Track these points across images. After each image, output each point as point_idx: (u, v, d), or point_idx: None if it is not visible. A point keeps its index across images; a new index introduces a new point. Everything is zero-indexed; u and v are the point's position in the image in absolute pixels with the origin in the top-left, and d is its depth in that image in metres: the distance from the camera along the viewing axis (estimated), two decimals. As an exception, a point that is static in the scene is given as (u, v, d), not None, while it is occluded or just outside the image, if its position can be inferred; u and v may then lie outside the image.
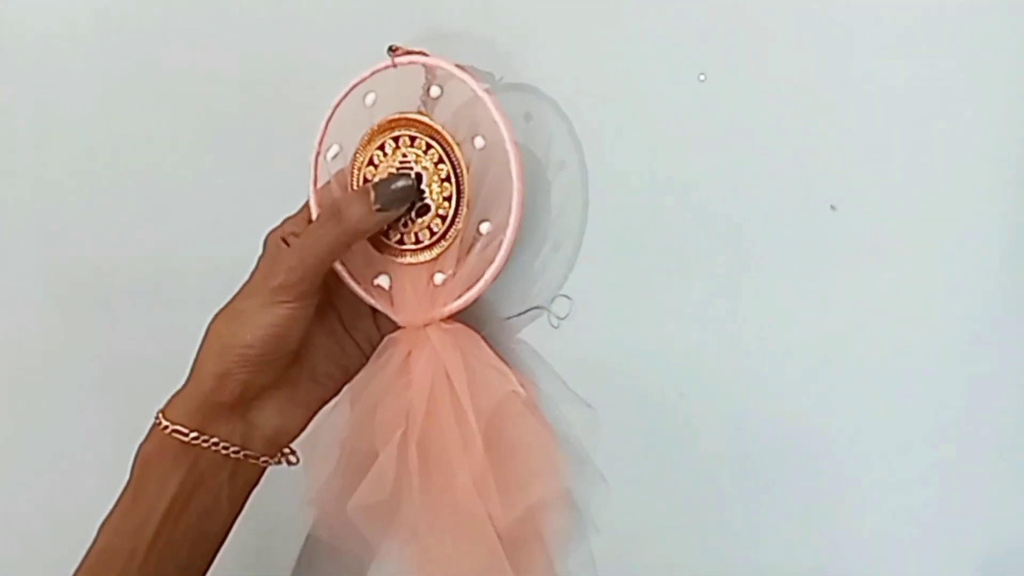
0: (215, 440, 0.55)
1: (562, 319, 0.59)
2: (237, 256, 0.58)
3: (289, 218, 0.60)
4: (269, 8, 0.66)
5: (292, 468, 0.59)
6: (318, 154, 0.59)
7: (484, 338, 0.58)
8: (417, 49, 0.57)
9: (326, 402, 0.60)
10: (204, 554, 0.56)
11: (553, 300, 0.59)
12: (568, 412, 0.58)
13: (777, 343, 0.54)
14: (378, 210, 0.56)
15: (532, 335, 0.60)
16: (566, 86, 0.58)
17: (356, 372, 0.60)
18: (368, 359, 0.60)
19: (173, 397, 0.57)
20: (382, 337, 0.60)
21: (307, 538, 0.63)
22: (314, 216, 0.59)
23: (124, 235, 0.72)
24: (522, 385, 0.57)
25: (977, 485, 0.49)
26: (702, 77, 0.55)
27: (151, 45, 0.70)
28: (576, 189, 0.59)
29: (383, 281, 0.58)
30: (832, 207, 0.52)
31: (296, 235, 0.58)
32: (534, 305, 0.60)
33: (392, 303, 0.58)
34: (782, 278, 0.54)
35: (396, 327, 0.59)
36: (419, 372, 0.56)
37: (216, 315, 0.57)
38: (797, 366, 0.54)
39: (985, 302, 0.49)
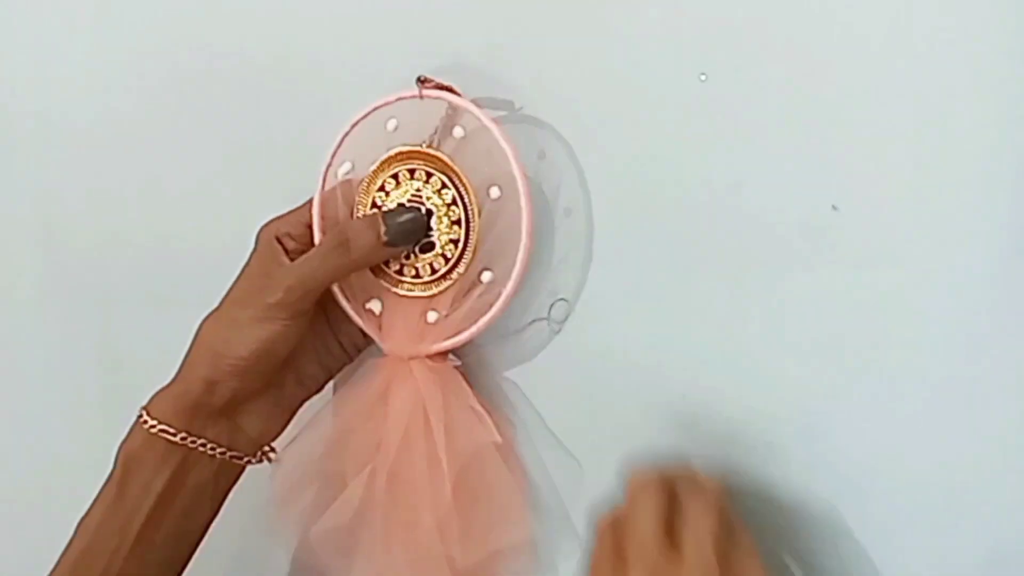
0: (203, 441, 0.56)
1: (561, 322, 0.59)
2: (238, 257, 0.58)
3: (283, 215, 0.60)
4: (271, 11, 0.64)
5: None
6: (329, 166, 0.59)
7: (466, 376, 0.59)
8: (447, 84, 0.56)
9: (306, 400, 0.61)
10: (185, 550, 0.58)
11: (553, 304, 0.60)
12: (551, 459, 0.59)
13: (779, 343, 0.54)
14: (386, 243, 0.56)
15: (533, 336, 0.60)
16: (565, 86, 0.58)
17: (338, 371, 0.62)
18: (351, 359, 0.62)
19: (157, 394, 0.57)
20: (367, 341, 0.61)
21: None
22: (315, 226, 0.59)
23: (124, 236, 0.72)
24: (500, 430, 0.57)
25: (977, 485, 0.50)
26: (702, 77, 0.54)
27: (151, 46, 0.69)
28: (581, 232, 0.58)
29: (374, 306, 0.59)
30: (834, 207, 0.52)
31: (291, 236, 0.58)
32: (534, 318, 0.60)
33: (380, 329, 0.59)
34: (784, 278, 0.54)
35: (382, 337, 0.60)
36: (397, 406, 0.57)
37: (208, 317, 0.57)
38: (799, 366, 0.54)
39: (987, 302, 0.49)
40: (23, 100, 0.74)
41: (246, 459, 0.59)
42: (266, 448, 0.60)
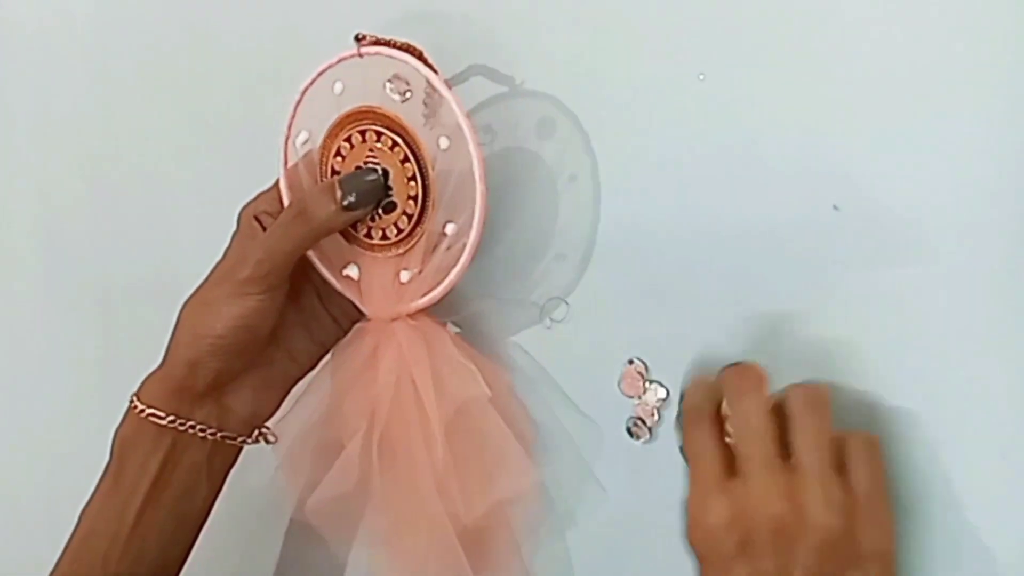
0: (192, 423, 0.57)
1: (557, 321, 0.59)
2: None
3: (262, 193, 0.60)
4: (272, 7, 0.65)
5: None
6: (287, 138, 0.59)
7: (450, 332, 0.58)
8: (385, 39, 0.55)
9: (302, 377, 0.61)
10: (186, 533, 0.59)
11: (548, 302, 0.59)
12: (568, 421, 0.59)
13: (779, 344, 0.54)
14: (345, 208, 0.55)
15: (535, 335, 0.60)
16: (563, 86, 0.57)
17: (333, 345, 0.61)
18: (345, 332, 0.61)
19: (147, 379, 0.58)
20: (358, 311, 0.60)
21: (291, 520, 0.65)
22: (284, 199, 0.59)
23: (124, 235, 0.73)
24: (489, 384, 0.56)
25: (977, 485, 0.49)
26: (702, 77, 0.53)
27: (152, 46, 0.70)
28: (587, 203, 0.58)
29: (352, 271, 0.58)
30: (835, 207, 0.51)
31: (269, 214, 0.58)
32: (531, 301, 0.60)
33: (361, 294, 0.58)
34: (785, 278, 0.53)
35: (371, 300, 0.59)
36: (384, 368, 0.57)
37: (187, 300, 0.58)
38: (799, 367, 0.53)
39: (987, 302, 0.48)
40: (23, 99, 0.76)
41: (240, 439, 0.59)
42: (263, 429, 0.60)
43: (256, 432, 0.60)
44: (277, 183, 0.60)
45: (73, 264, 0.76)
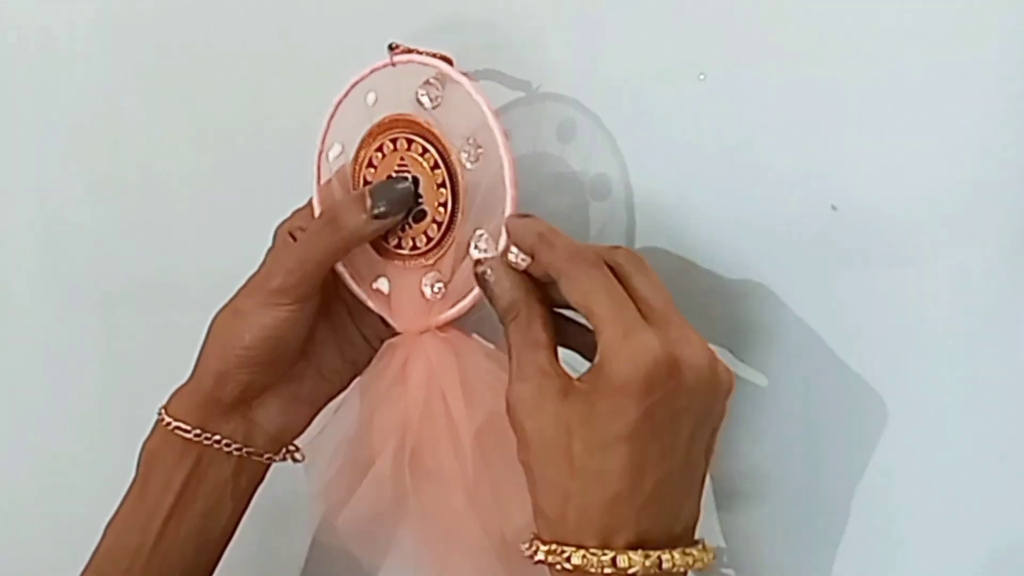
0: (217, 438, 0.57)
1: None
2: (239, 257, 0.58)
3: (298, 210, 0.60)
4: (273, 5, 0.65)
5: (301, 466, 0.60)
6: (320, 153, 0.59)
7: (480, 344, 0.57)
8: (417, 50, 0.55)
9: (333, 398, 0.60)
10: (210, 551, 0.58)
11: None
12: None
13: (777, 344, 0.53)
14: (375, 216, 0.55)
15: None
16: (564, 86, 0.57)
17: (365, 366, 0.60)
18: (377, 353, 0.60)
19: (176, 392, 0.58)
20: (389, 330, 0.59)
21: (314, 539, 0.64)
22: (316, 214, 0.59)
23: (124, 237, 0.73)
24: None
25: (977, 485, 0.49)
26: (702, 77, 0.53)
27: (152, 45, 0.70)
28: (619, 207, 0.57)
29: (382, 285, 0.58)
30: (833, 207, 0.51)
31: (303, 230, 0.58)
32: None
33: (390, 308, 0.58)
34: (782, 279, 0.53)
35: (402, 322, 0.58)
36: (414, 382, 0.55)
37: (219, 311, 0.58)
38: (798, 367, 0.53)
39: (987, 302, 0.48)
40: (23, 99, 0.77)
41: (267, 456, 0.58)
42: (291, 447, 0.59)
43: (283, 450, 0.59)
44: (310, 201, 0.60)
45: (73, 265, 0.77)
